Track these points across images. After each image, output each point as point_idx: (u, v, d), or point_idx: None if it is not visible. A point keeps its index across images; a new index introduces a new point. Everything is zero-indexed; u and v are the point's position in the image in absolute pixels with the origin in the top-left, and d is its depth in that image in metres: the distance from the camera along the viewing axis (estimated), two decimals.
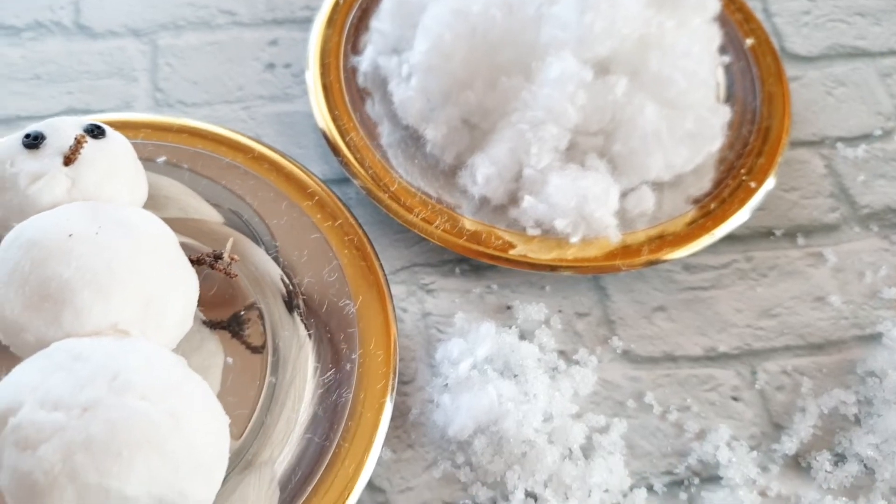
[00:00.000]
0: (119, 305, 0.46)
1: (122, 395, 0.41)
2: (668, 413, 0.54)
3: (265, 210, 0.58)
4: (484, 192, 0.58)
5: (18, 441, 0.40)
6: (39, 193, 0.50)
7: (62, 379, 0.41)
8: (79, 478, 0.39)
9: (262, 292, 0.57)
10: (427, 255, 0.60)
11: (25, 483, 0.40)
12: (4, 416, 0.41)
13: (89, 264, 0.45)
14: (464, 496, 0.51)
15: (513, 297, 0.58)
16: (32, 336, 0.45)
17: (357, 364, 0.52)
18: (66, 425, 0.40)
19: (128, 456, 0.40)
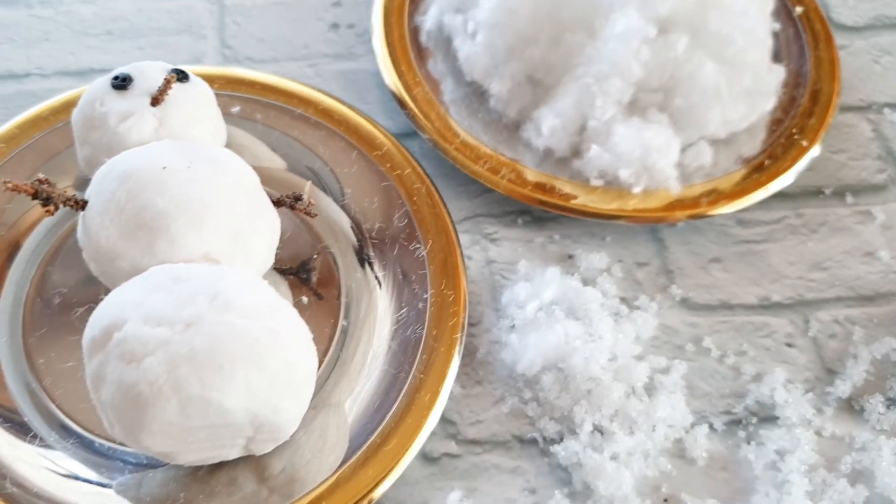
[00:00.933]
0: (210, 236, 0.48)
1: (222, 313, 0.43)
2: (726, 357, 0.56)
3: (335, 160, 0.60)
4: (549, 144, 0.60)
5: (123, 354, 0.42)
6: (128, 132, 0.52)
7: (164, 298, 0.43)
8: (182, 389, 0.41)
9: (332, 238, 0.59)
10: (490, 206, 0.62)
11: (130, 395, 0.42)
12: (109, 331, 0.43)
13: (183, 195, 0.47)
14: (531, 430, 0.53)
15: (574, 246, 0.60)
16: (127, 264, 0.47)
17: (429, 303, 0.54)
18: (170, 339, 0.42)
19: (229, 369, 0.42)
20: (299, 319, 0.46)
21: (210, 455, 0.46)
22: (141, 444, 0.43)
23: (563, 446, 0.51)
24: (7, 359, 0.53)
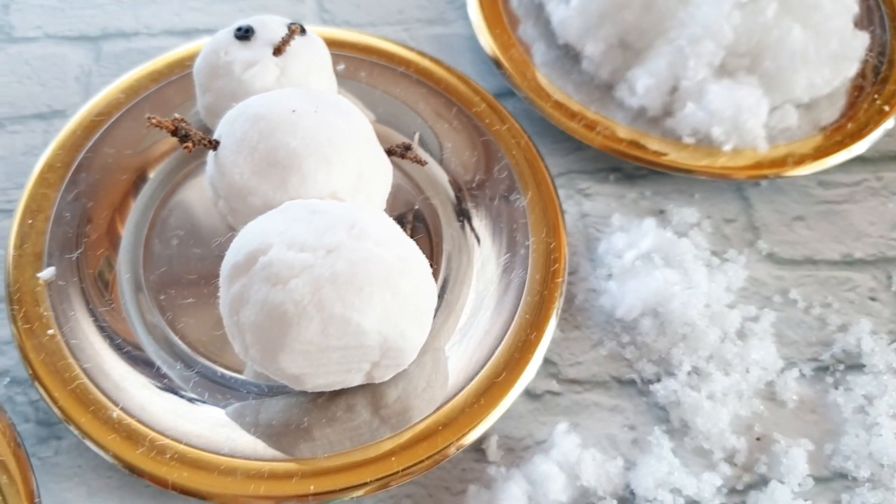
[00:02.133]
0: (338, 175, 0.50)
1: (359, 241, 0.46)
2: (812, 308, 0.58)
3: (434, 117, 0.63)
4: (643, 103, 0.62)
5: (269, 277, 0.45)
6: (252, 79, 0.55)
7: (304, 227, 0.46)
8: (325, 309, 0.44)
9: (433, 191, 0.61)
10: (582, 163, 0.64)
11: (275, 314, 0.44)
12: (255, 255, 0.46)
13: (313, 136, 0.50)
14: (629, 371, 0.55)
15: (665, 202, 0.63)
16: (259, 200, 0.50)
17: (531, 250, 0.56)
18: (313, 263, 0.45)
19: (367, 292, 0.45)
20: (420, 252, 0.49)
21: (335, 380, 0.48)
22: (278, 364, 0.46)
23: (661, 385, 0.54)
24: (130, 294, 0.55)
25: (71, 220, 0.56)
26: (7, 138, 0.64)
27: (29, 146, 0.63)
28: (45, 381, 0.50)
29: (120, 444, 0.48)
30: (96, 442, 0.49)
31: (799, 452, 0.51)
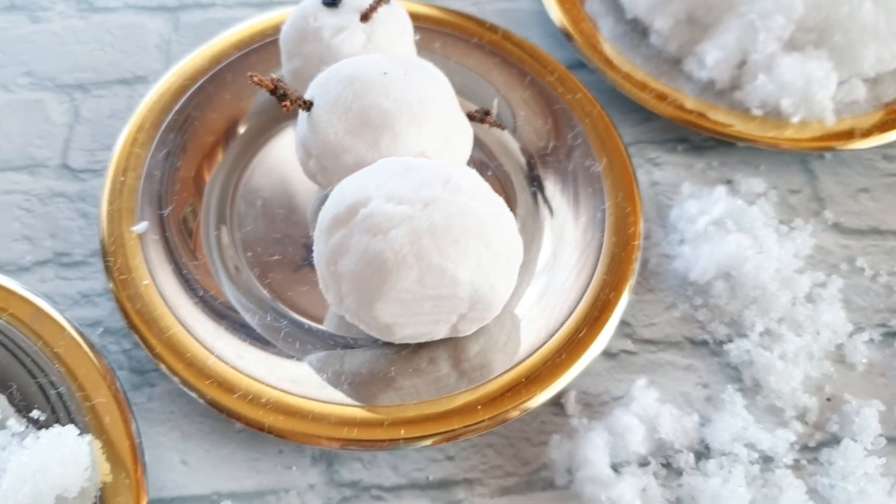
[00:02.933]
0: (427, 135, 0.52)
1: (455, 195, 0.47)
2: (879, 276, 0.60)
3: (508, 86, 0.65)
4: (712, 76, 0.64)
5: (370, 228, 0.47)
6: (341, 45, 0.57)
7: (401, 181, 0.48)
8: (424, 258, 0.46)
9: (506, 157, 0.63)
10: (651, 133, 0.66)
11: (375, 263, 0.46)
12: (355, 208, 0.47)
13: (404, 97, 0.52)
14: (702, 332, 0.57)
15: (732, 173, 0.64)
16: (352, 158, 0.52)
17: (607, 214, 0.58)
18: (412, 215, 0.47)
19: (464, 243, 0.46)
20: (509, 210, 0.50)
21: (423, 331, 0.50)
22: (373, 312, 0.48)
23: (734, 346, 0.55)
24: (217, 251, 0.57)
25: (161, 179, 0.58)
26: (92, 102, 0.66)
27: (113, 110, 0.66)
28: (141, 329, 0.52)
29: (216, 390, 0.50)
30: (193, 388, 0.50)
31: (870, 412, 0.52)
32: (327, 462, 0.51)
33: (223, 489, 0.50)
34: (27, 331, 0.52)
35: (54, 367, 0.51)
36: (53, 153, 0.63)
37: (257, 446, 0.51)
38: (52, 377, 0.51)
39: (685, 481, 0.50)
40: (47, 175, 0.62)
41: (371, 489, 0.50)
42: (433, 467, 0.51)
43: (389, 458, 0.51)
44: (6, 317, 0.52)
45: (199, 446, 0.51)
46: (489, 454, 0.52)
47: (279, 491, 0.50)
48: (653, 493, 0.49)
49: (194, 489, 0.50)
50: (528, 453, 0.52)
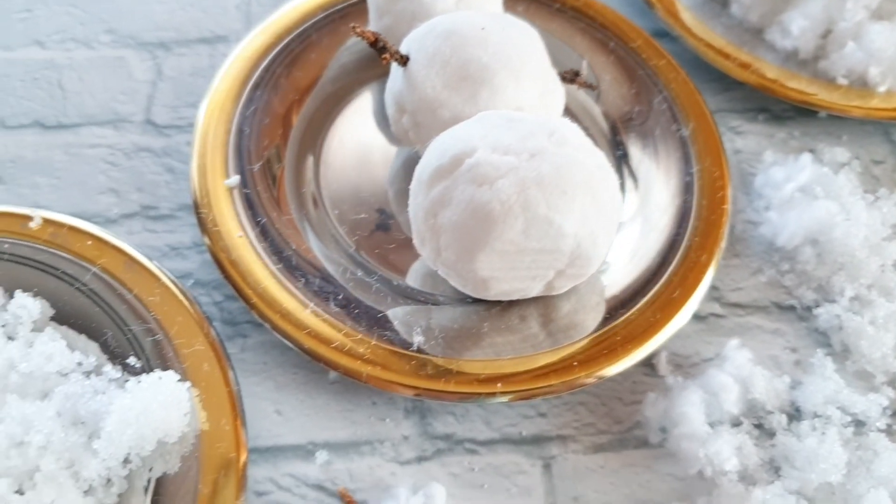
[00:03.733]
0: (526, 90, 0.52)
1: (560, 146, 0.47)
2: None
3: (591, 51, 0.65)
4: (796, 45, 0.64)
5: (476, 178, 0.47)
6: (434, 2, 0.57)
7: (505, 133, 0.48)
8: (530, 209, 0.46)
9: (589, 121, 0.63)
10: (732, 102, 0.66)
11: (481, 212, 0.46)
12: (460, 158, 0.47)
13: (503, 51, 0.52)
14: (789, 297, 0.57)
15: (814, 143, 0.64)
16: (449, 112, 0.52)
17: (695, 178, 0.58)
18: (518, 166, 0.47)
19: (570, 195, 0.46)
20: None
21: (519, 287, 0.50)
22: (473, 265, 0.48)
23: (823, 310, 0.55)
24: (299, 208, 0.58)
25: (250, 134, 0.59)
26: (174, 60, 0.66)
27: (195, 68, 0.66)
28: (236, 280, 0.52)
29: (313, 341, 0.50)
30: (291, 338, 0.50)
31: None
32: (420, 415, 0.51)
33: (318, 439, 0.50)
34: (121, 280, 0.52)
35: (150, 315, 0.51)
36: (137, 109, 0.63)
37: (351, 398, 0.51)
38: (148, 325, 0.50)
39: (778, 441, 0.50)
40: (132, 130, 0.62)
41: (464, 442, 0.50)
42: (526, 423, 0.51)
43: (482, 413, 0.51)
44: (100, 265, 0.52)
45: (293, 396, 0.52)
46: (581, 412, 0.52)
47: (374, 442, 0.50)
48: (748, 451, 0.49)
49: (289, 439, 0.50)
50: (621, 412, 0.52)
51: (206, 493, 0.45)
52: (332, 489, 0.49)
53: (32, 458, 0.45)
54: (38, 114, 0.63)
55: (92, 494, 0.46)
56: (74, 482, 0.45)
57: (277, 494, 0.48)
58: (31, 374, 0.48)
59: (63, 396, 0.47)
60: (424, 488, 0.48)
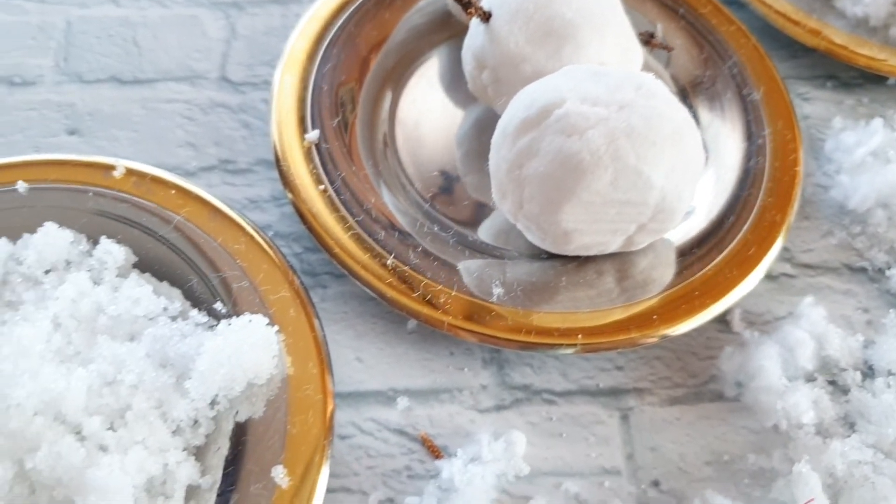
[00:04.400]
0: (608, 47, 0.53)
1: (649, 99, 0.48)
2: None
3: (661, 16, 0.65)
4: (867, 11, 0.64)
5: (565, 128, 0.47)
6: None
7: (593, 85, 0.49)
8: (620, 159, 0.47)
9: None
10: (799, 69, 0.67)
11: (570, 163, 0.47)
12: (549, 109, 0.48)
13: (586, 8, 0.53)
14: (860, 259, 0.57)
15: (883, 110, 0.64)
16: (531, 67, 0.53)
17: (767, 140, 0.58)
18: (608, 117, 0.47)
19: (659, 147, 0.47)
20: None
21: (599, 241, 0.51)
22: (558, 216, 0.48)
23: (894, 272, 0.55)
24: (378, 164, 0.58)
25: (327, 91, 0.59)
26: (247, 20, 0.67)
27: (269, 27, 0.67)
28: (318, 231, 0.53)
29: (395, 290, 0.51)
30: (373, 288, 0.51)
31: None
32: (498, 366, 0.52)
33: (398, 386, 0.51)
34: (205, 229, 0.53)
35: (236, 263, 0.52)
36: (212, 66, 0.64)
37: (429, 347, 0.52)
38: (234, 272, 0.51)
39: (853, 397, 0.51)
40: (207, 87, 0.63)
41: (542, 393, 0.51)
42: (602, 376, 0.52)
43: (559, 365, 0.52)
44: (184, 213, 0.53)
45: (372, 345, 0.52)
46: (657, 366, 0.52)
47: (452, 390, 0.51)
48: (824, 406, 0.50)
49: (370, 385, 0.51)
50: (696, 366, 0.52)
51: (294, 434, 0.46)
52: (413, 434, 0.50)
53: (124, 396, 0.46)
54: (114, 69, 0.64)
55: (180, 435, 0.47)
56: (163, 422, 0.46)
57: (360, 438, 0.49)
58: (118, 317, 0.49)
59: (152, 339, 0.48)
60: (505, 434, 0.49)
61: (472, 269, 0.53)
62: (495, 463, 0.47)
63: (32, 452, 0.42)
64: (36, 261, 0.51)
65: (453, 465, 0.47)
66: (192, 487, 0.46)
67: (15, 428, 0.43)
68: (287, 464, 0.45)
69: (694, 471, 0.49)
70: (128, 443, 0.45)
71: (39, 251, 0.51)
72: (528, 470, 0.48)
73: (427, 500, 0.47)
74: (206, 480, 0.46)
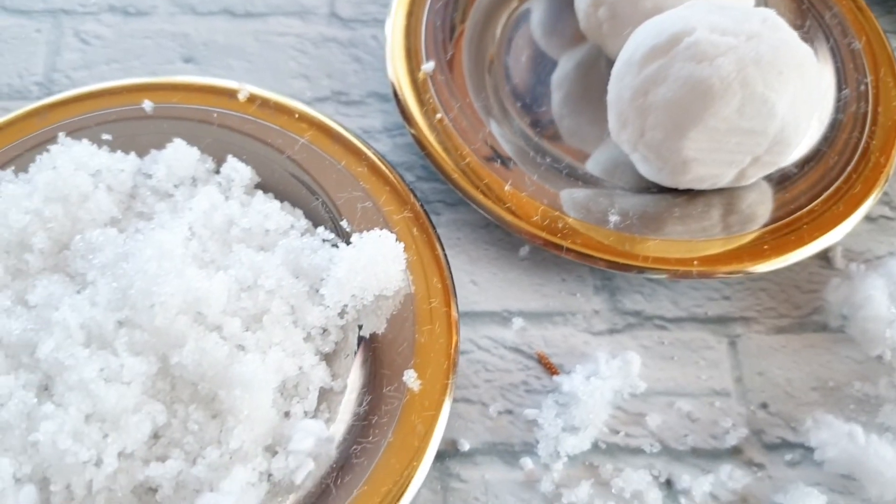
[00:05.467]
0: None
1: (775, 31, 0.50)
2: None
3: None
4: None
5: (695, 55, 0.49)
6: None
7: (719, 17, 0.50)
8: (748, 86, 0.48)
9: None
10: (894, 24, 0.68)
11: (699, 88, 0.49)
12: (679, 36, 0.50)
13: None
14: None
15: None
16: (651, 3, 0.54)
17: (869, 86, 0.60)
18: (736, 46, 0.49)
19: (786, 76, 0.49)
20: None
21: (714, 173, 0.52)
22: (681, 143, 0.50)
23: None
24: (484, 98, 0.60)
25: (441, 26, 0.61)
26: None
27: None
28: (438, 158, 0.55)
29: (513, 216, 0.53)
30: (492, 213, 0.53)
31: None
32: (609, 292, 0.54)
33: (512, 308, 0.53)
34: (329, 151, 0.55)
35: (358, 185, 0.53)
36: (321, 3, 0.66)
37: (541, 273, 0.54)
38: (357, 193, 0.53)
39: None
40: (317, 22, 0.65)
41: (653, 319, 0.53)
42: (711, 304, 0.54)
43: (669, 294, 0.54)
44: (308, 137, 0.55)
45: (486, 270, 0.54)
46: (762, 297, 0.54)
47: (566, 313, 0.53)
48: None
49: (486, 306, 0.53)
50: (799, 299, 0.54)
51: (422, 343, 0.48)
52: (529, 352, 0.51)
53: (261, 301, 0.48)
54: (226, 2, 0.65)
55: (310, 341, 0.49)
56: (297, 328, 0.48)
57: (478, 354, 0.51)
58: (250, 230, 0.51)
59: (285, 250, 0.50)
60: (621, 354, 0.50)
61: (585, 198, 0.55)
62: (612, 380, 0.49)
63: (178, 348, 0.44)
64: (165, 175, 0.53)
65: (573, 379, 0.49)
66: (323, 390, 0.48)
67: (160, 325, 0.44)
68: (417, 369, 0.47)
69: (801, 395, 0.50)
70: (266, 344, 0.46)
71: (169, 165, 0.53)
72: (643, 387, 0.50)
73: (546, 412, 0.49)
74: (338, 384, 0.48)
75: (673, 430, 0.49)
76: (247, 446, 0.44)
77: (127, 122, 0.55)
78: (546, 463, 0.48)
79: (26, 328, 0.45)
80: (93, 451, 0.42)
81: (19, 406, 0.43)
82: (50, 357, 0.43)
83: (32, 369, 0.44)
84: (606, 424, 0.49)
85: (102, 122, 0.55)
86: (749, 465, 0.48)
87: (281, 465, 0.45)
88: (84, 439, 0.42)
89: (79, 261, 0.48)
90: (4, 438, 0.42)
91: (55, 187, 0.49)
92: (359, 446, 0.45)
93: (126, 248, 0.46)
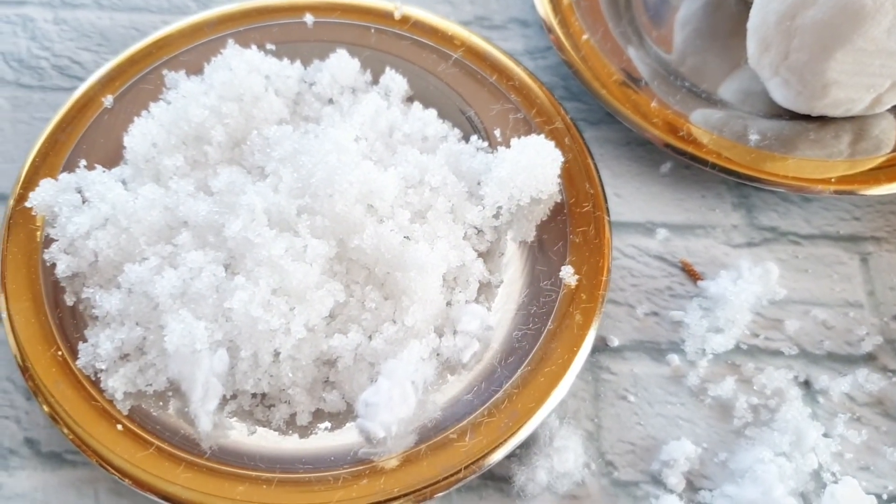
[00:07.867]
0: None
1: None
2: None
3: None
4: None
5: None
6: None
7: None
8: None
9: None
10: None
11: (851, 8, 0.51)
12: None
13: None
14: None
15: None
16: None
17: None
18: None
19: None
20: None
21: (852, 97, 0.55)
22: (825, 65, 0.53)
23: None
24: (622, 25, 0.63)
25: None
26: None
27: None
28: (585, 76, 0.58)
29: (661, 130, 0.56)
30: (640, 128, 0.56)
31: None
32: (746, 209, 0.56)
33: (655, 220, 0.56)
34: (481, 66, 0.58)
35: (510, 98, 0.56)
36: None
37: (682, 188, 0.57)
38: (509, 105, 0.56)
39: None
40: None
41: (788, 235, 0.56)
42: (842, 224, 0.56)
43: (802, 212, 0.56)
44: (461, 52, 0.58)
45: (629, 184, 0.57)
46: (892, 219, 0.56)
47: (706, 227, 0.56)
48: None
49: (630, 217, 0.56)
50: None
51: (577, 243, 0.51)
52: (673, 260, 0.54)
53: (426, 197, 0.51)
54: None
55: (467, 240, 0.52)
56: (457, 224, 0.51)
57: (623, 261, 0.54)
58: (411, 135, 0.54)
59: (446, 153, 0.53)
60: (761, 264, 0.53)
61: (724, 120, 0.57)
62: (754, 286, 0.51)
63: (356, 234, 0.47)
64: (329, 82, 0.56)
65: (719, 283, 0.51)
66: (482, 283, 0.51)
67: (339, 212, 0.47)
68: (574, 266, 0.50)
69: None
70: (432, 236, 0.49)
71: (332, 73, 0.56)
72: (783, 294, 0.52)
73: (692, 314, 0.51)
74: (496, 278, 0.51)
75: (810, 336, 0.51)
76: (419, 325, 0.47)
77: (289, 34, 0.58)
78: (692, 360, 0.50)
79: (212, 210, 0.48)
80: (282, 321, 0.45)
81: (210, 279, 0.46)
82: (238, 236, 0.46)
83: (218, 248, 0.47)
84: (747, 327, 0.51)
85: (266, 34, 0.58)
86: (884, 371, 0.50)
87: (449, 345, 0.48)
88: (273, 310, 0.45)
89: (256, 154, 0.51)
90: (198, 307, 0.45)
91: (231, 86, 0.52)
92: (519, 332, 0.48)
93: (301, 143, 0.49)
